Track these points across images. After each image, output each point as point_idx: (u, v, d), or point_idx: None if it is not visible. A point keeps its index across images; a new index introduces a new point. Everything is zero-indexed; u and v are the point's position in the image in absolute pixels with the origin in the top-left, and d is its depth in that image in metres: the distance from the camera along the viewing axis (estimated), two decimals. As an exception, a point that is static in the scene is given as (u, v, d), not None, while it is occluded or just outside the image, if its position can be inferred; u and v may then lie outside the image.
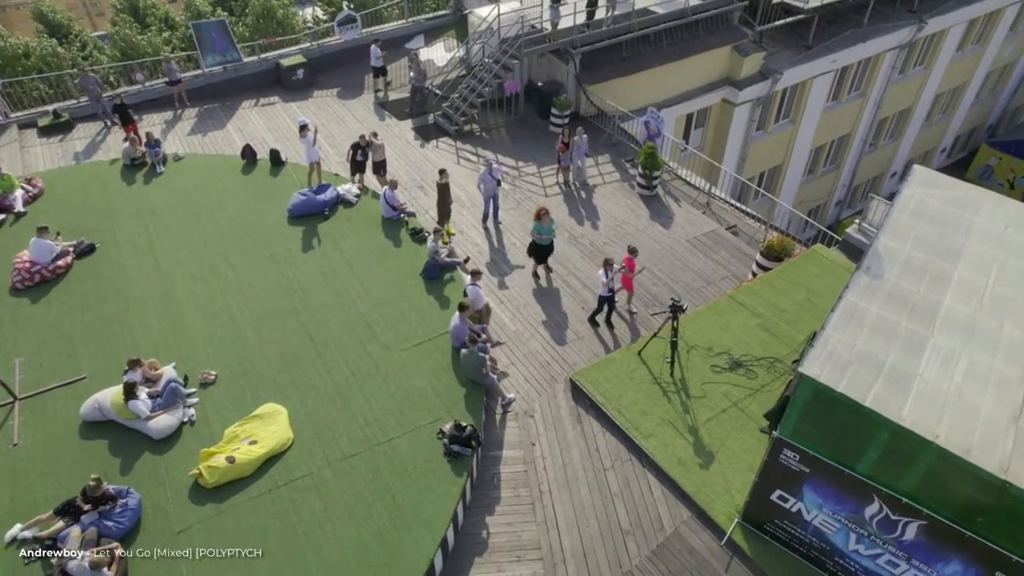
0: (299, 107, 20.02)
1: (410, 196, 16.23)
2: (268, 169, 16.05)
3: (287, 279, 12.81)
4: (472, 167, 17.74)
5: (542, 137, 19.33)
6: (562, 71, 20.01)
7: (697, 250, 15.16)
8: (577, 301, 13.53)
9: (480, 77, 19.18)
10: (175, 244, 13.67)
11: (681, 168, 18.44)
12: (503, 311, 13.10)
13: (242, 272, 12.92)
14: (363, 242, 13.74)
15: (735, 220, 16.57)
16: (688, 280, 14.24)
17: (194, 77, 20.18)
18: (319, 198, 14.43)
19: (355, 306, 12.22)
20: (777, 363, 11.25)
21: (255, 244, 13.68)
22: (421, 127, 19.41)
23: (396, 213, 14.21)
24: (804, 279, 12.89)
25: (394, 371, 11.01)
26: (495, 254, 14.67)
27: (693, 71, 21.97)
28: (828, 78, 25.85)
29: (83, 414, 10.08)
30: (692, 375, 11.09)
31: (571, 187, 17.10)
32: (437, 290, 12.65)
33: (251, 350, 11.35)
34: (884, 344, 7.40)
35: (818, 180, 30.59)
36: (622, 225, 15.81)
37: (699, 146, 24.90)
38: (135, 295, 12.42)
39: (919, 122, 32.92)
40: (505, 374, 11.66)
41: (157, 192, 15.22)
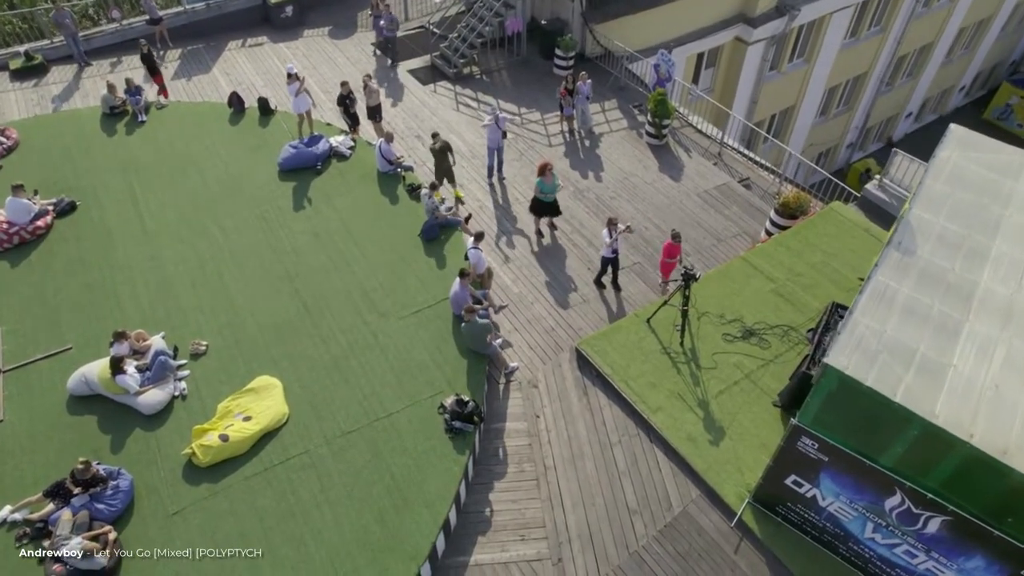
0: (288, 48, 18.90)
1: (407, 147, 15.42)
2: (257, 118, 15.19)
3: (279, 241, 12.21)
4: (472, 114, 16.83)
5: (546, 80, 18.31)
6: (567, 8, 18.77)
7: (708, 205, 14.49)
8: (583, 261, 12.98)
9: (480, 15, 18.01)
10: (161, 202, 13.00)
11: (692, 115, 17.53)
12: (505, 273, 12.56)
13: (232, 233, 12.31)
14: (358, 199, 13.07)
15: (748, 172, 15.83)
16: (698, 238, 13.64)
17: (175, 15, 18.96)
18: (311, 151, 13.66)
19: (351, 270, 11.67)
20: (791, 332, 10.80)
21: (245, 202, 13.02)
22: (418, 70, 18.35)
23: (392, 167, 13.48)
24: (820, 240, 12.29)
25: (393, 341, 10.57)
26: (497, 210, 14.01)
27: (705, 7, 20.67)
28: (847, 13, 24.46)
29: (70, 388, 9.70)
30: (703, 344, 10.65)
31: (576, 136, 16.26)
32: (437, 252, 12.08)
33: (243, 319, 10.88)
34: (916, 330, 6.91)
35: (830, 122, 29.44)
36: (629, 177, 15.07)
37: (709, 87, 23.79)
38: (120, 259, 11.85)
39: (939, 59, 31.47)
40: (508, 343, 11.23)
41: (140, 144, 14.42)
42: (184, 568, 8.15)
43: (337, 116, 15.83)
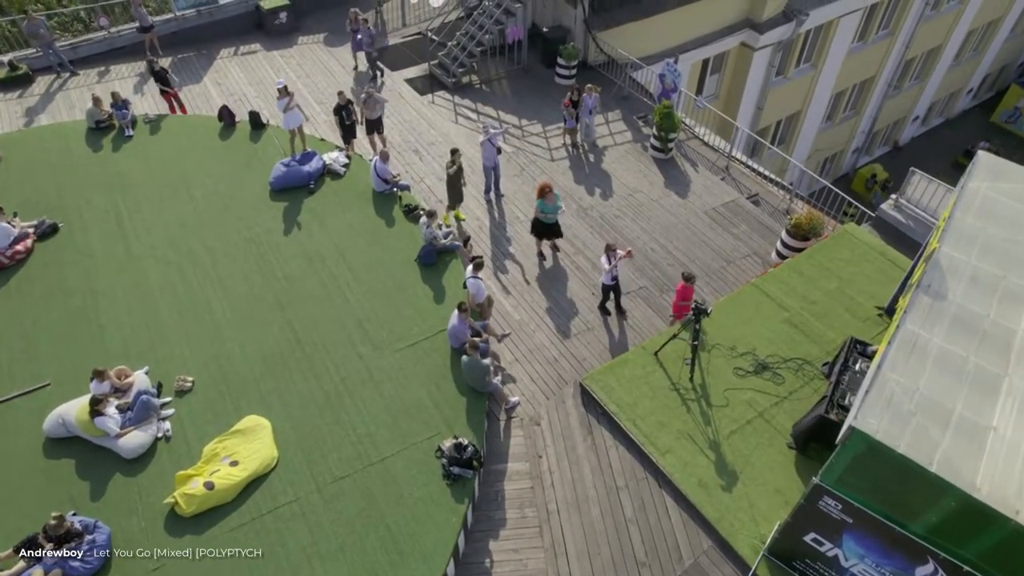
0: (282, 57, 18.33)
1: (404, 161, 14.89)
2: (248, 133, 14.63)
3: (270, 266, 11.68)
4: (471, 126, 16.29)
5: (547, 89, 17.77)
6: (569, 15, 18.22)
7: (716, 223, 13.96)
8: (586, 285, 12.46)
9: (479, 23, 17.44)
10: (147, 224, 12.46)
11: (698, 126, 16.99)
12: (506, 298, 12.04)
13: (221, 258, 11.78)
14: (353, 221, 12.54)
15: (756, 187, 15.30)
16: (706, 259, 13.13)
17: (165, 22, 18.38)
18: (303, 169, 13.12)
19: (344, 298, 11.15)
20: (806, 365, 10.28)
21: (235, 223, 12.48)
22: (415, 79, 17.80)
23: (388, 187, 12.94)
24: (835, 265, 11.77)
25: (388, 376, 10.06)
26: (496, 230, 13.48)
27: (711, 13, 20.11)
28: (856, 17, 23.90)
29: (46, 430, 9.19)
30: (713, 380, 10.14)
31: (579, 150, 15.72)
32: (434, 278, 11.55)
33: (231, 351, 10.36)
34: (951, 386, 6.40)
35: (836, 127, 28.91)
36: (634, 194, 14.54)
37: (714, 94, 23.26)
38: (104, 285, 11.33)
39: (948, 62, 30.90)
40: (511, 376, 10.72)
41: (127, 161, 13.87)
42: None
43: (331, 129, 15.31)
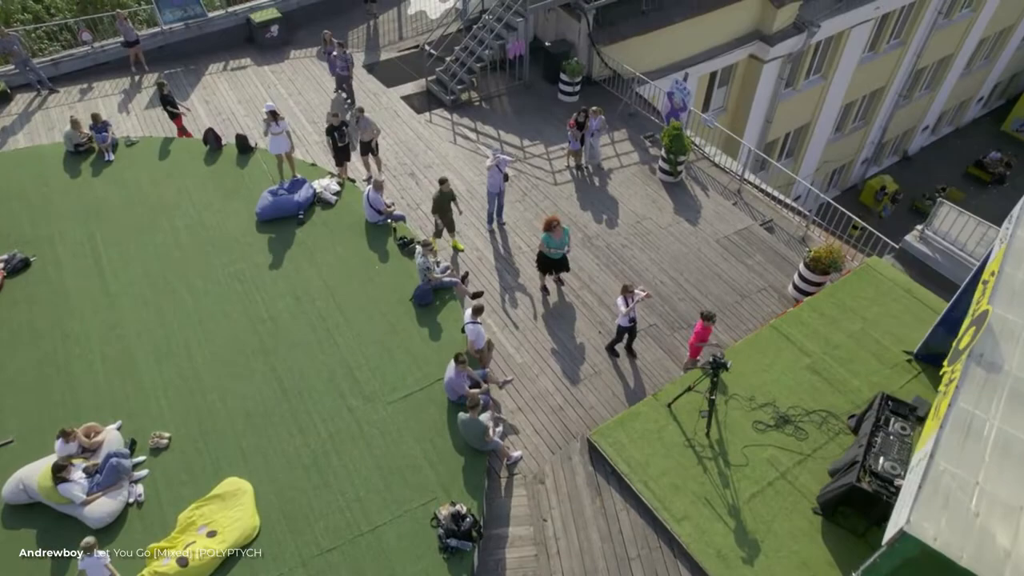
0: (273, 72, 17.58)
1: (399, 186, 14.14)
2: (235, 157, 13.86)
3: (255, 306, 10.93)
4: (471, 147, 15.54)
5: (550, 107, 17.02)
6: (573, 29, 17.47)
7: (729, 253, 13.21)
8: (593, 322, 11.72)
9: (479, 38, 16.69)
10: (125, 258, 11.70)
11: (708, 145, 16.24)
12: (507, 338, 11.29)
13: (203, 296, 11.03)
14: (344, 255, 11.78)
15: (770, 212, 14.53)
16: (719, 293, 12.38)
17: (151, 36, 17.63)
18: (292, 199, 12.35)
19: (334, 343, 10.39)
20: (831, 418, 9.54)
21: (218, 258, 11.72)
22: (412, 96, 17.05)
23: (382, 217, 12.19)
24: (858, 304, 11.02)
25: (380, 432, 9.31)
26: (498, 261, 12.73)
27: (720, 26, 19.36)
28: (867, 27, 23.16)
29: (6, 496, 8.43)
30: (731, 435, 9.40)
31: (584, 172, 14.97)
32: (431, 320, 10.80)
33: (212, 403, 9.61)
34: (1016, 479, 5.66)
35: (845, 138, 28.18)
36: (642, 221, 13.79)
37: (722, 107, 22.53)
38: (76, 328, 10.58)
39: (959, 70, 30.18)
40: (512, 427, 9.98)
41: (105, 187, 13.11)
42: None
43: (323, 151, 14.56)
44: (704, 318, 9.98)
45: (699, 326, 10.11)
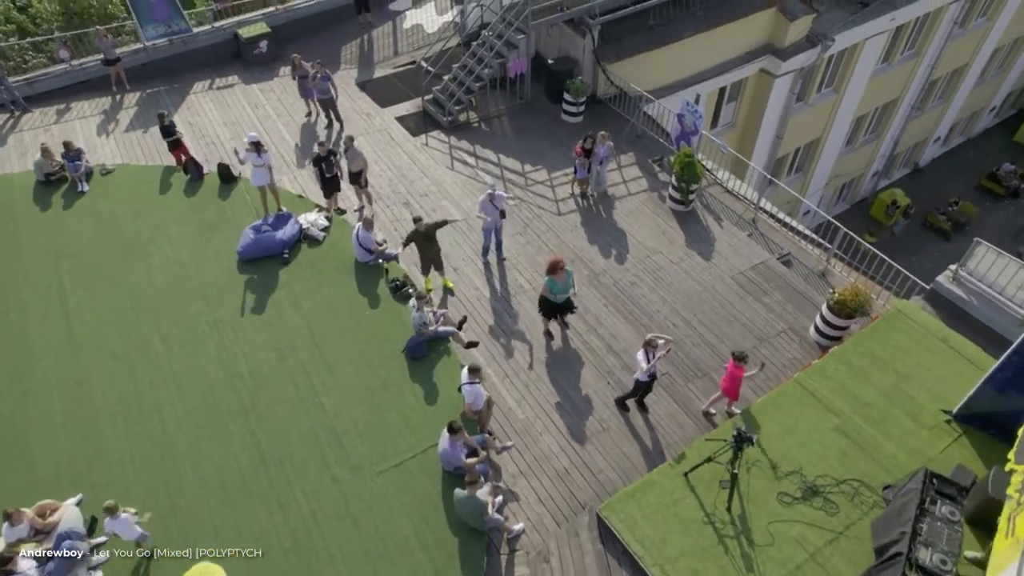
0: (261, 91, 16.71)
1: (393, 216, 13.26)
2: (217, 188, 13.01)
3: (233, 359, 10.07)
4: (469, 172, 14.67)
5: (553, 127, 16.14)
6: (577, 45, 16.59)
7: (746, 291, 12.34)
8: (600, 370, 10.86)
9: (479, 56, 15.82)
10: (94, 302, 10.85)
11: (720, 169, 15.37)
12: (508, 391, 10.43)
13: (177, 348, 10.17)
14: (331, 299, 10.92)
15: (788, 244, 13.63)
16: (736, 336, 11.51)
17: (133, 53, 16.76)
18: (276, 236, 11.49)
19: (319, 402, 9.53)
20: (864, 489, 8.67)
21: (196, 303, 10.87)
22: (407, 117, 16.18)
23: (373, 257, 11.32)
24: (889, 355, 10.15)
25: (368, 507, 8.45)
26: (496, 302, 11.85)
27: (730, 40, 18.47)
28: (882, 38, 22.28)
29: (-52, 592, 7.59)
30: (755, 508, 8.53)
31: (589, 201, 14.10)
32: (424, 375, 9.94)
33: (183, 473, 8.76)
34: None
35: (856, 152, 27.31)
36: (652, 256, 12.92)
37: (730, 122, 21.66)
38: (38, 383, 9.72)
39: (972, 80, 29.30)
40: (513, 494, 9.11)
41: (77, 221, 12.27)
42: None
43: (312, 179, 13.68)
44: (736, 359, 9.28)
45: (731, 367, 9.37)
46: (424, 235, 10.75)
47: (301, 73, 14.84)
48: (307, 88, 14.96)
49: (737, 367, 9.31)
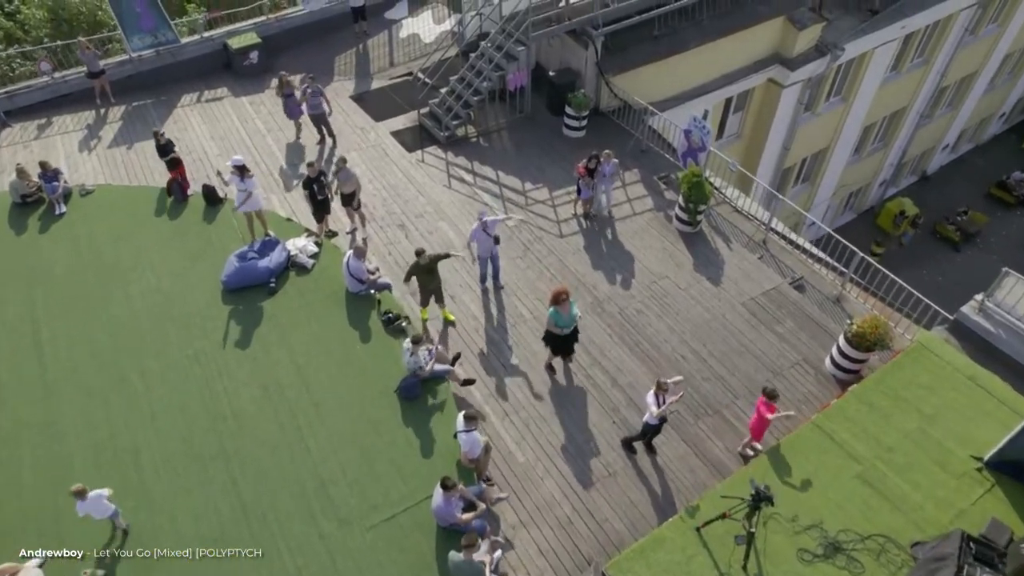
0: (251, 103, 16.11)
1: (387, 239, 12.66)
2: (202, 211, 12.40)
3: (216, 398, 9.46)
4: (466, 190, 14.06)
5: (554, 142, 15.53)
6: (579, 57, 15.98)
7: (757, 319, 11.74)
8: (605, 408, 10.26)
9: (478, 68, 15.20)
10: (70, 335, 10.25)
11: (727, 186, 14.76)
12: (507, 431, 9.82)
13: (157, 385, 9.57)
14: (320, 333, 10.32)
15: (800, 267, 13.01)
16: (748, 369, 10.91)
17: (119, 64, 16.15)
18: (261, 264, 10.88)
19: (305, 447, 8.92)
20: (890, 546, 8.06)
21: (177, 335, 10.26)
22: (402, 131, 15.57)
23: (364, 287, 10.71)
24: (913, 394, 9.54)
25: (357, 566, 7.85)
26: (495, 332, 11.24)
27: (737, 50, 17.87)
28: (892, 46, 21.69)
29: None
30: (773, 567, 7.93)
31: (592, 221, 13.49)
32: (418, 417, 9.33)
33: (160, 525, 8.17)
34: None
35: (864, 161, 26.71)
36: (659, 281, 12.31)
37: (736, 133, 21.06)
38: (6, 426, 9.12)
39: (982, 87, 28.71)
40: (510, 544, 8.50)
41: (53, 246, 11.67)
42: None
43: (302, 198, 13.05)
44: (767, 396, 8.76)
45: (761, 404, 8.84)
46: (425, 267, 10.15)
47: (287, 92, 14.13)
48: (294, 108, 14.30)
49: (768, 405, 8.72)
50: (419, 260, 10.03)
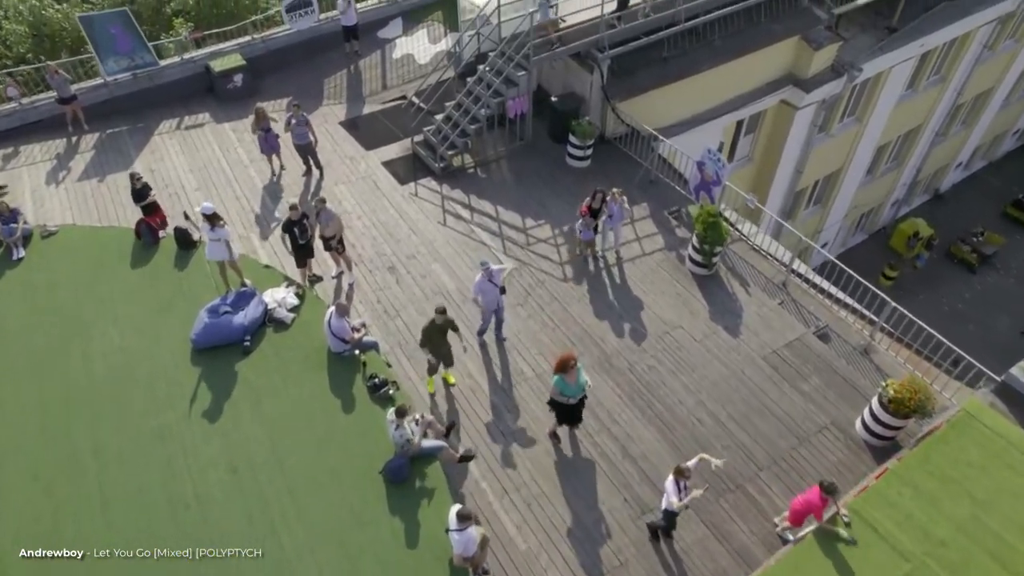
0: (234, 130, 15.11)
1: (375, 284, 11.64)
2: (173, 256, 11.36)
3: (179, 480, 8.40)
4: (463, 228, 13.04)
5: (557, 173, 14.52)
6: (583, 81, 14.99)
7: (780, 375, 10.72)
8: (615, 482, 9.22)
9: (475, 94, 14.19)
10: (19, 402, 9.21)
11: (742, 221, 13.75)
12: (507, 511, 8.77)
13: (112, 465, 8.51)
14: (298, 400, 9.27)
15: (824, 313, 11.97)
16: (771, 435, 9.89)
17: (93, 89, 15.13)
18: (235, 321, 9.82)
19: (278, 543, 7.86)
20: (948, 665, 7.04)
21: (140, 403, 9.21)
22: (394, 161, 14.56)
23: (348, 347, 9.66)
24: (962, 474, 8.50)
25: None
26: (495, 395, 10.20)
27: (750, 71, 16.91)
28: (908, 65, 20.73)
29: None
30: None
31: (599, 263, 12.47)
32: (406, 503, 8.27)
33: (104, 643, 7.10)
34: None
35: (877, 181, 25.75)
36: (672, 332, 11.28)
37: (747, 156, 20.08)
38: (-64, 517, 8.06)
39: (998, 104, 27.77)
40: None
41: (8, 296, 10.65)
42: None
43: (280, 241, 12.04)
44: (825, 490, 7.71)
45: (816, 497, 7.79)
46: (440, 329, 9.11)
47: (264, 126, 13.04)
48: (273, 141, 13.27)
49: (823, 499, 7.68)
50: (436, 320, 9.01)
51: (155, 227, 11.43)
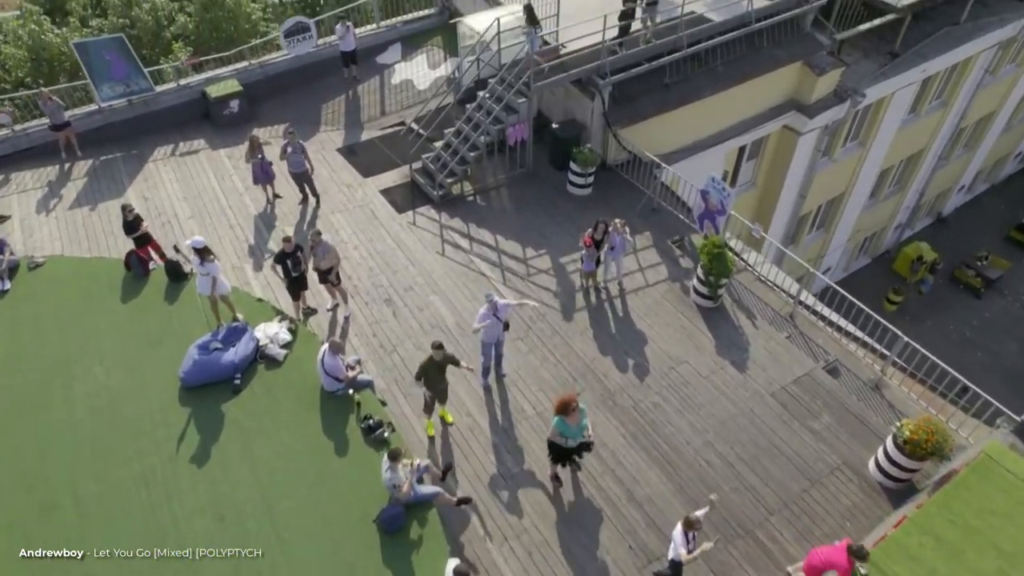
0: (230, 157, 14.86)
1: (372, 318, 11.30)
2: (164, 289, 11.03)
3: (163, 530, 8.00)
4: (461, 258, 12.74)
5: (558, 201, 14.24)
6: (584, 107, 14.78)
7: (790, 413, 10.35)
8: (620, 529, 8.82)
9: (475, 121, 13.97)
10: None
11: (747, 251, 13.47)
12: (506, 561, 8.36)
13: (94, 512, 8.12)
14: (289, 443, 8.89)
15: (833, 347, 11.63)
16: (782, 477, 9.50)
17: (88, 115, 14.91)
18: (225, 359, 9.46)
19: (266, 598, 7.46)
20: None
21: (124, 446, 8.82)
22: (392, 189, 14.29)
23: (342, 386, 9.30)
24: (985, 523, 8.11)
25: None
26: (495, 435, 9.81)
27: (753, 97, 16.73)
28: (911, 90, 20.60)
29: None
30: None
31: (601, 295, 12.15)
32: (401, 553, 7.87)
33: None
34: None
35: (880, 205, 25.52)
36: (678, 367, 10.93)
37: (750, 181, 19.86)
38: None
39: (1000, 127, 27.64)
40: None
41: (-8, 332, 10.28)
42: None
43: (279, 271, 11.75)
44: (857, 555, 7.20)
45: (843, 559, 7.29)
46: (438, 366, 8.76)
47: (258, 155, 12.80)
48: (268, 170, 13.02)
49: (850, 562, 7.23)
50: (433, 356, 8.66)
51: (145, 259, 11.11)
